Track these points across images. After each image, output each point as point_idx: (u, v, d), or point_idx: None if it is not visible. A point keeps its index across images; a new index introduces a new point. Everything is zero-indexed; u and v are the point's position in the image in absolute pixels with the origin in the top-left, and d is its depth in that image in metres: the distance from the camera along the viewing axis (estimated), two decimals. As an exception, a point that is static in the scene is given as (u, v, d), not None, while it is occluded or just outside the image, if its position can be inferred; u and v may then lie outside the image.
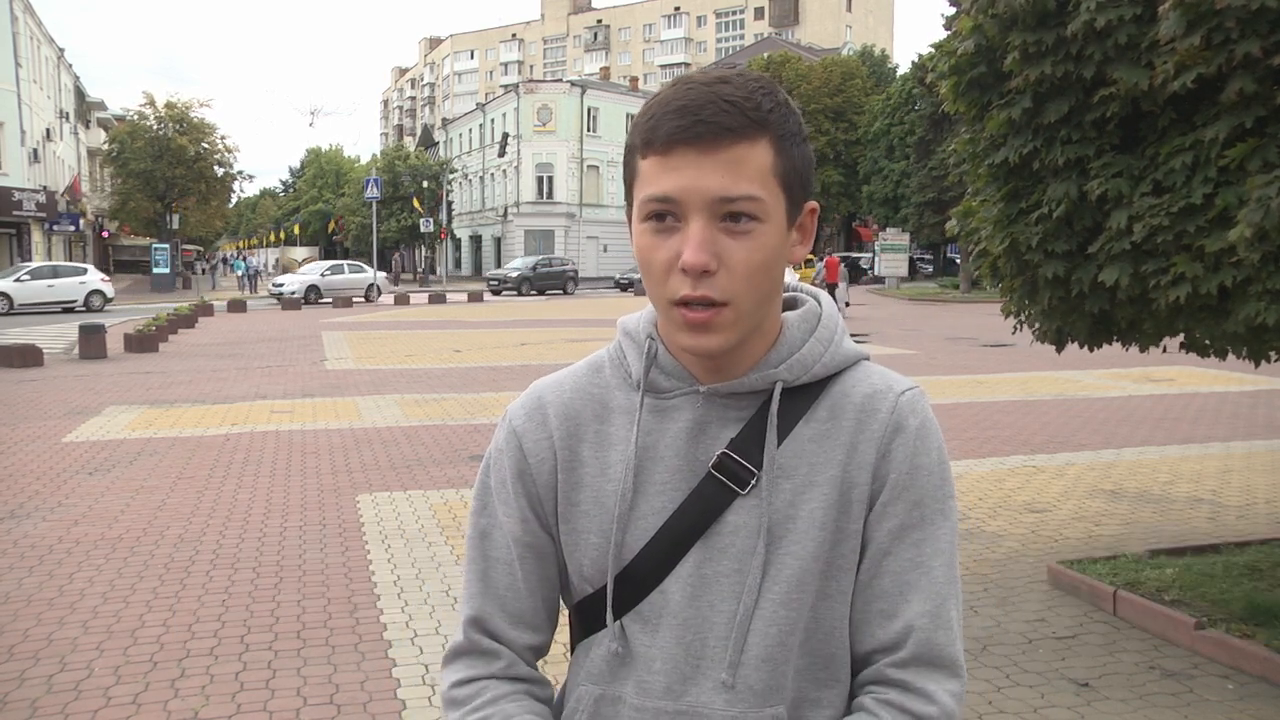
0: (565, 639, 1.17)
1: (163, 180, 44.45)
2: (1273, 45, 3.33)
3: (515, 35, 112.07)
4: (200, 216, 48.74)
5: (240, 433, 9.17)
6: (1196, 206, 3.64)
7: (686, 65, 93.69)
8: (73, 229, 44.13)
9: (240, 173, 49.81)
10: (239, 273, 48.93)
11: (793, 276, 1.20)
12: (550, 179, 56.09)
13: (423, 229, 49.12)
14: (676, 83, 1.01)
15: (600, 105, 57.73)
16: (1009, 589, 4.94)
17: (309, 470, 7.63)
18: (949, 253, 48.68)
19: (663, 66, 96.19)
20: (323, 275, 35.44)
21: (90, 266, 32.57)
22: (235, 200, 64.44)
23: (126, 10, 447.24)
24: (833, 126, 52.95)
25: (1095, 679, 3.90)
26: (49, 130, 42.44)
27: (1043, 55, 4.00)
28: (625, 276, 43.49)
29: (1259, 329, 3.69)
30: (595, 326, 22.38)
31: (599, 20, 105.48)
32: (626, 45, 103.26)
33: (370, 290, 35.54)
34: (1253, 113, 3.44)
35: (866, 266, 47.01)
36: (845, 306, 24.16)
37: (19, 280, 28.13)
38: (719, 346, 1.00)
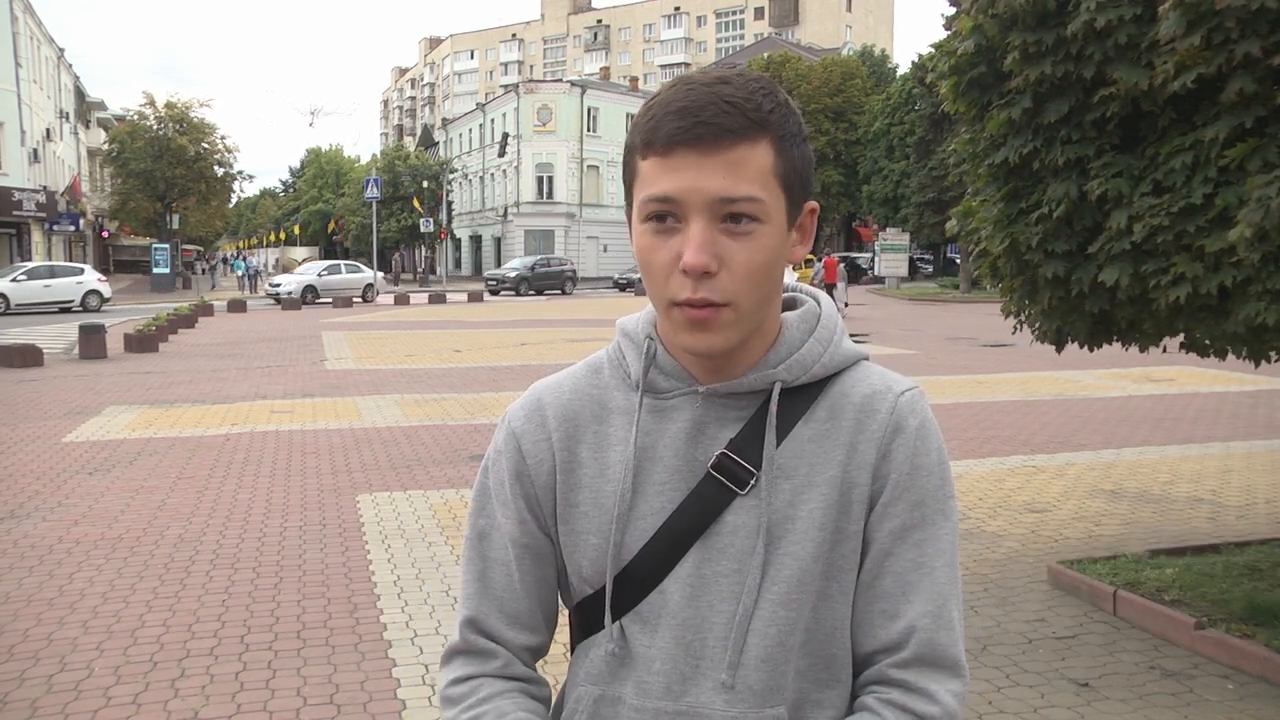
0: (565, 639, 1.17)
1: (163, 180, 44.47)
2: (1273, 45, 3.33)
3: (515, 35, 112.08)
4: (200, 216, 48.78)
5: (240, 433, 9.18)
6: (1196, 206, 3.64)
7: (686, 65, 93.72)
8: (73, 229, 44.15)
9: (240, 173, 49.89)
10: (239, 273, 48.92)
11: (791, 277, 1.20)
12: (550, 179, 56.10)
13: (423, 229, 49.10)
14: (676, 83, 1.01)
15: (600, 105, 57.75)
16: (1009, 589, 4.94)
17: (309, 470, 7.63)
18: (949, 253, 48.67)
19: (663, 66, 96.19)
20: (319, 275, 35.38)
21: (87, 266, 32.55)
22: (235, 200, 64.50)
23: (126, 10, 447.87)
24: (833, 126, 52.96)
25: (1095, 679, 3.90)
26: (49, 130, 42.45)
27: (1043, 55, 4.00)
28: (624, 276, 43.38)
29: (1259, 329, 3.69)
30: (595, 326, 22.38)
31: (599, 20, 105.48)
32: (626, 45, 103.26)
33: (367, 290, 35.55)
34: (1253, 113, 3.44)
35: (866, 266, 46.99)
36: (844, 307, 24.14)
37: (15, 280, 28.10)
38: (719, 346, 1.00)
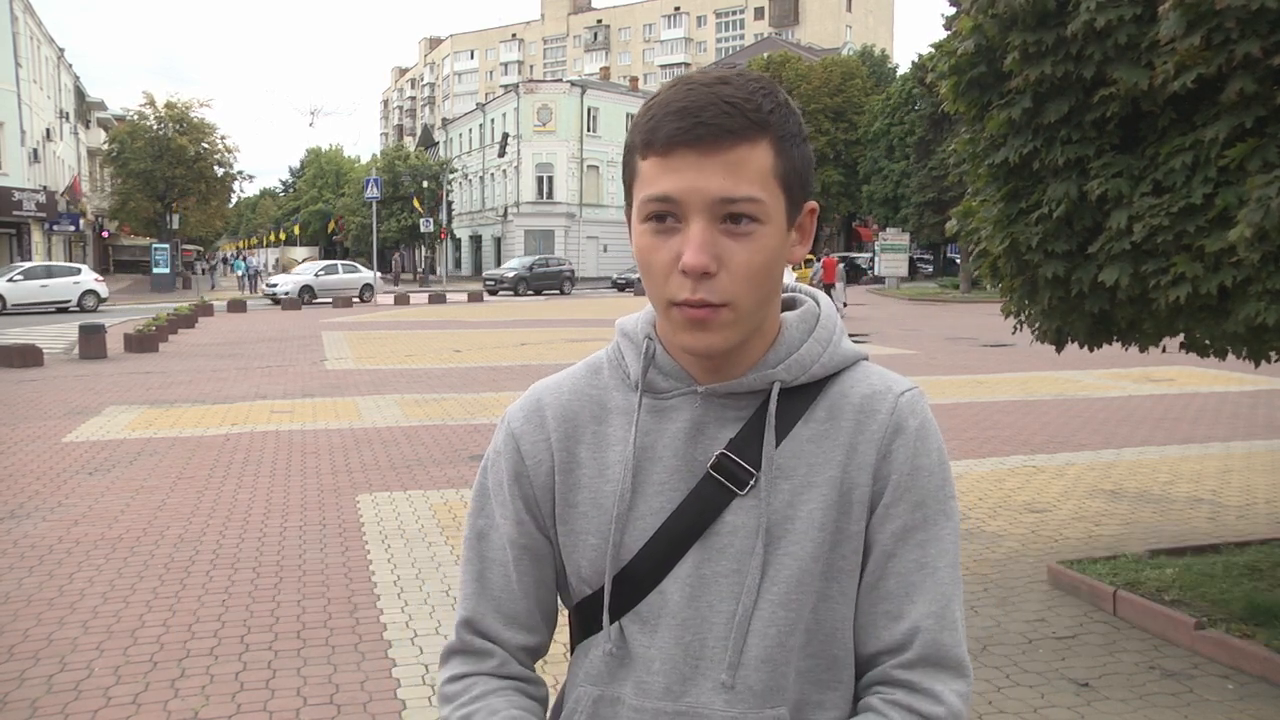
0: (565, 639, 1.16)
1: (163, 180, 44.47)
2: (1273, 45, 3.33)
3: (515, 35, 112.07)
4: (200, 216, 48.77)
5: (240, 433, 9.18)
6: (1196, 206, 3.64)
7: (686, 65, 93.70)
8: (73, 229, 44.15)
9: (240, 173, 49.88)
10: (239, 273, 48.93)
11: (790, 277, 1.20)
12: (550, 179, 56.10)
13: (423, 229, 49.11)
14: (676, 83, 1.00)
15: (600, 105, 57.75)
16: (1009, 589, 4.94)
17: (309, 470, 7.63)
18: (949, 253, 48.67)
19: (663, 66, 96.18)
20: (317, 275, 35.33)
21: (84, 266, 32.53)
22: (235, 200, 64.48)
23: (126, 10, 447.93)
24: (833, 126, 52.96)
25: (1095, 679, 3.90)
26: (49, 130, 42.45)
27: (1043, 55, 4.00)
28: (623, 276, 43.32)
29: (1259, 329, 3.69)
30: (595, 326, 22.38)
31: (599, 20, 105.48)
32: (626, 45, 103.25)
33: (365, 290, 35.50)
34: (1253, 113, 3.44)
35: (866, 266, 46.98)
36: (843, 307, 24.14)
37: (12, 280, 28.10)
38: (719, 346, 1.00)
